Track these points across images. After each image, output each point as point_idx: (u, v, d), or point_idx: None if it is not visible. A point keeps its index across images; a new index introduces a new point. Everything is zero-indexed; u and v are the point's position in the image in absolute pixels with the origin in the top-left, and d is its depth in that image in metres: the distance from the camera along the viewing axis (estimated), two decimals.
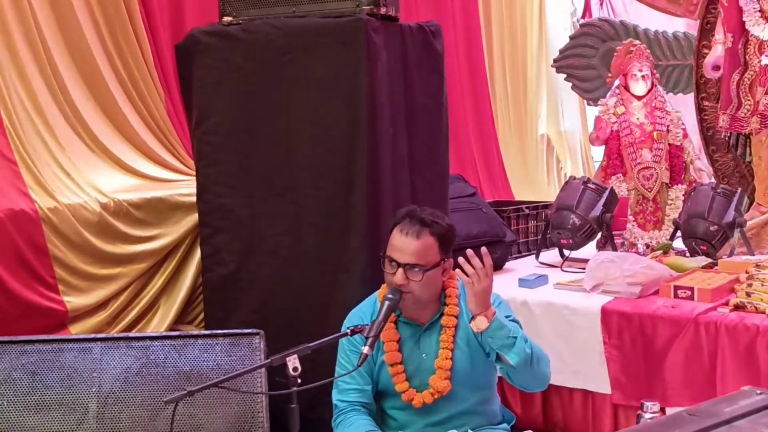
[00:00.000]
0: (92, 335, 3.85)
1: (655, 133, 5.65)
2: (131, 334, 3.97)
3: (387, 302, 3.11)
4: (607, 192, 5.13)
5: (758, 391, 1.52)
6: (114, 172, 4.80)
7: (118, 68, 5.01)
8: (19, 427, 3.54)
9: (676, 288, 4.24)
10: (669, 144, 5.69)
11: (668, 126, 5.70)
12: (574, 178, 5.39)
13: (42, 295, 4.20)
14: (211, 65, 4.19)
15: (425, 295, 3.17)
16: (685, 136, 5.77)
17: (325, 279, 3.99)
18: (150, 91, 5.15)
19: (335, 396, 3.29)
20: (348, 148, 3.91)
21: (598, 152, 7.87)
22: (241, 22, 4.15)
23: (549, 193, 7.80)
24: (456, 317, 3.23)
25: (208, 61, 4.20)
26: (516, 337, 3.05)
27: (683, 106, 6.06)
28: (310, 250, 4.03)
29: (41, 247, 4.21)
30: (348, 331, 3.10)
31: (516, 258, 5.51)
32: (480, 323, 3.03)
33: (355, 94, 3.89)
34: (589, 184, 5.16)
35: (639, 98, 5.73)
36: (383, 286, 3.29)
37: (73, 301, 4.32)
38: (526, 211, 5.79)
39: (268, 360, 2.99)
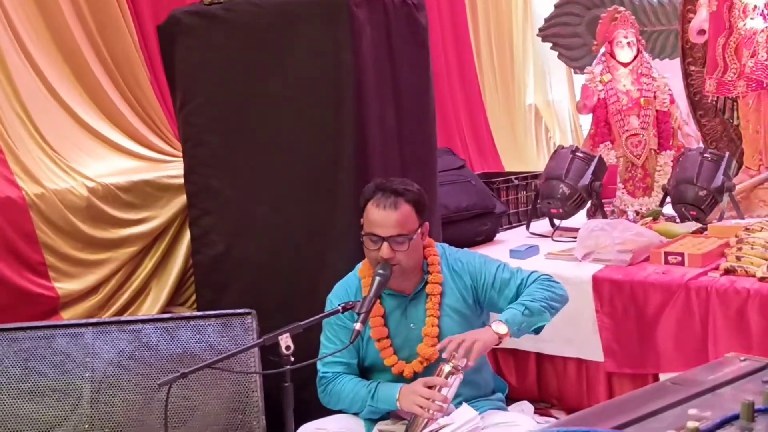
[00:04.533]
0: (84, 320, 3.84)
1: (642, 100, 5.64)
2: (123, 318, 3.96)
3: (378, 278, 3.09)
4: (595, 160, 5.13)
5: (742, 358, 1.52)
6: (101, 154, 4.78)
7: (101, 51, 4.98)
8: (14, 415, 3.55)
9: (667, 254, 4.25)
10: (656, 110, 5.68)
11: (655, 92, 5.69)
12: (563, 147, 5.39)
13: (33, 282, 4.20)
14: (194, 46, 4.17)
15: (411, 263, 3.17)
16: (672, 101, 5.76)
17: (314, 257, 3.98)
18: (135, 73, 5.13)
19: (321, 368, 3.29)
20: (335, 126, 3.89)
21: (586, 121, 7.84)
22: (222, 1, 4.12)
23: (538, 164, 7.79)
24: (440, 284, 3.23)
25: (191, 41, 4.17)
26: (529, 310, 3.08)
27: (669, 72, 6.04)
28: (298, 229, 4.02)
29: (30, 234, 4.20)
30: (339, 308, 3.09)
31: (506, 229, 5.52)
32: (500, 329, 3.05)
33: (340, 70, 3.86)
34: (577, 153, 5.16)
35: (625, 65, 5.71)
36: (364, 261, 3.29)
37: (64, 287, 4.32)
38: (516, 182, 5.79)
39: (261, 339, 2.98)
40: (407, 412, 3.04)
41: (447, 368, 2.99)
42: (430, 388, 2.99)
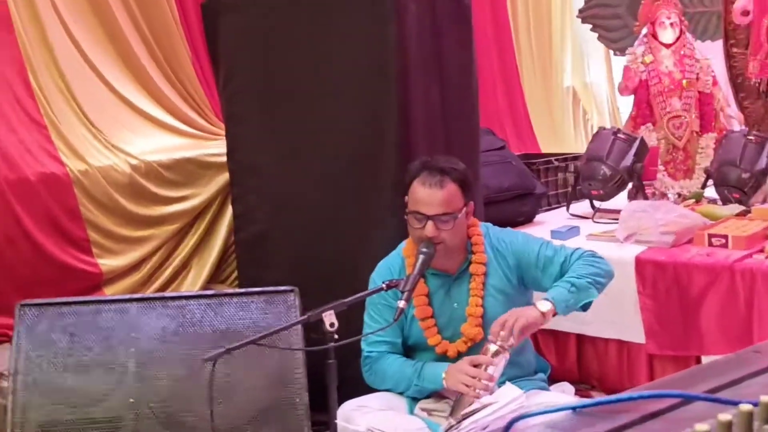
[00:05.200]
0: (128, 296, 3.87)
1: (684, 81, 5.58)
2: (167, 294, 3.99)
3: (422, 256, 3.08)
4: (637, 141, 5.09)
5: None
6: (144, 131, 4.81)
7: (142, 28, 5.01)
8: (60, 388, 3.57)
9: (711, 236, 4.21)
10: (699, 92, 5.61)
11: (698, 74, 5.62)
12: (604, 129, 5.34)
13: (77, 258, 4.24)
14: (237, 23, 4.17)
15: (455, 242, 3.15)
16: (715, 83, 5.69)
17: (357, 236, 3.98)
18: (177, 52, 5.14)
19: (366, 348, 3.29)
20: (378, 103, 3.89)
21: (624, 103, 7.79)
22: None
23: (576, 146, 7.74)
24: (484, 264, 3.22)
25: (234, 19, 4.17)
26: (575, 287, 3.06)
27: (711, 54, 5.97)
28: (341, 206, 4.02)
29: (74, 211, 4.25)
30: (384, 285, 3.08)
31: (546, 210, 5.48)
32: (543, 307, 3.03)
33: (384, 47, 3.85)
34: (619, 134, 5.12)
35: (667, 46, 5.64)
36: (408, 240, 3.28)
37: (108, 263, 4.35)
38: (556, 163, 5.75)
39: (306, 316, 2.99)
40: (453, 391, 3.04)
41: (493, 347, 2.97)
42: (476, 366, 2.99)
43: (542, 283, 3.22)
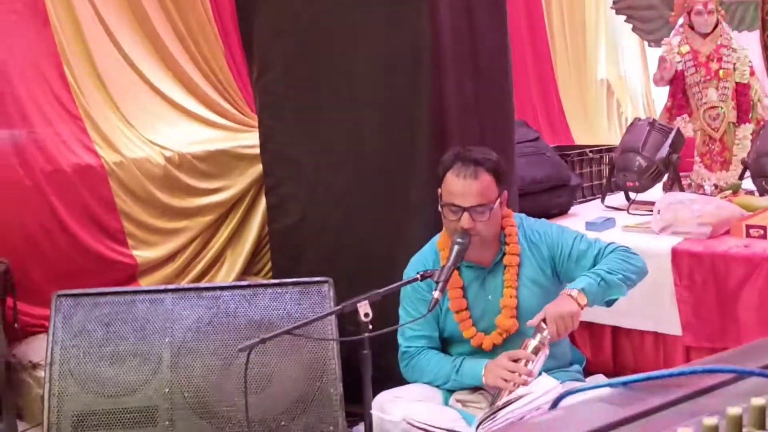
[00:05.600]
0: (163, 286, 3.88)
1: (721, 72, 5.51)
2: (201, 285, 4.00)
3: (457, 247, 3.06)
4: (673, 132, 5.03)
5: None
6: (177, 123, 4.83)
7: (176, 23, 5.02)
8: (96, 378, 3.59)
9: (748, 227, 4.16)
10: (735, 82, 5.55)
11: (734, 64, 5.55)
12: (640, 120, 5.29)
13: (112, 249, 4.26)
14: (271, 14, 4.17)
15: (491, 233, 3.14)
16: (752, 73, 5.62)
17: (390, 227, 3.97)
18: (210, 44, 5.15)
19: (403, 343, 3.29)
20: (412, 94, 3.87)
21: (659, 95, 7.72)
22: None
23: (609, 138, 7.69)
24: (518, 255, 3.20)
25: (268, 10, 4.18)
26: (605, 282, 3.03)
27: (748, 45, 5.90)
28: (375, 198, 4.02)
29: (109, 202, 4.27)
30: (418, 276, 3.07)
31: (581, 203, 5.44)
32: (581, 300, 3.01)
33: (417, 36, 3.84)
34: (655, 125, 5.06)
35: (704, 36, 5.58)
36: (441, 232, 3.26)
37: (142, 254, 4.37)
38: (590, 155, 5.71)
39: (340, 306, 2.98)
40: (492, 387, 3.02)
41: (533, 343, 2.96)
42: (515, 361, 2.97)
43: (574, 276, 3.19)
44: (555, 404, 1.17)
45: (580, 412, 1.08)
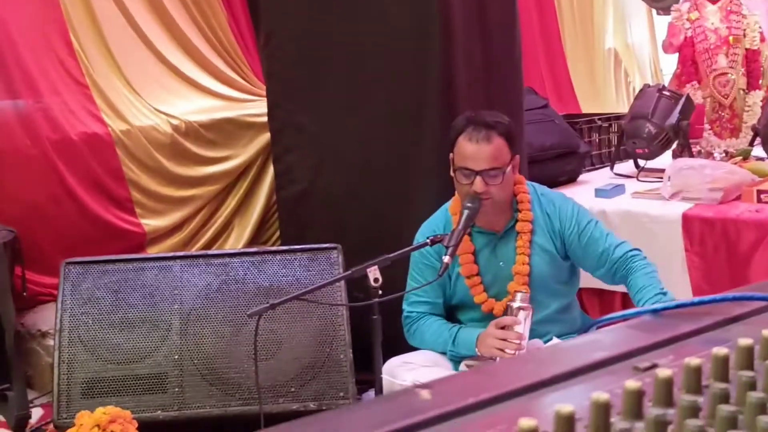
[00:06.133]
0: (171, 254, 3.88)
1: (730, 38, 5.46)
2: (210, 252, 4.00)
3: (467, 211, 3.05)
4: (683, 99, 4.99)
5: None
6: (183, 92, 4.81)
7: None
8: (105, 345, 3.60)
9: (759, 192, 4.14)
10: (746, 49, 5.50)
11: (744, 30, 5.50)
12: (649, 86, 5.24)
13: (120, 218, 4.25)
14: None
15: (503, 197, 3.12)
16: (763, 39, 5.56)
17: (399, 194, 3.95)
18: (214, 12, 5.12)
19: (406, 308, 3.28)
20: (421, 62, 3.85)
21: (667, 64, 7.67)
22: None
23: (617, 108, 7.64)
24: (530, 222, 3.18)
25: None
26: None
27: (758, 10, 5.84)
28: (384, 165, 3.99)
29: (117, 171, 4.26)
30: (428, 241, 3.05)
31: (590, 170, 5.42)
32: None
33: (427, 4, 3.81)
34: (664, 92, 5.02)
35: (713, 2, 5.52)
36: (453, 198, 3.24)
37: (151, 223, 4.37)
38: (599, 122, 5.67)
39: (350, 271, 2.97)
40: (489, 357, 3.02)
41: (515, 305, 2.99)
42: (503, 328, 2.97)
43: (580, 259, 3.18)
44: (586, 330, 1.16)
45: (611, 336, 1.07)
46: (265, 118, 4.38)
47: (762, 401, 0.79)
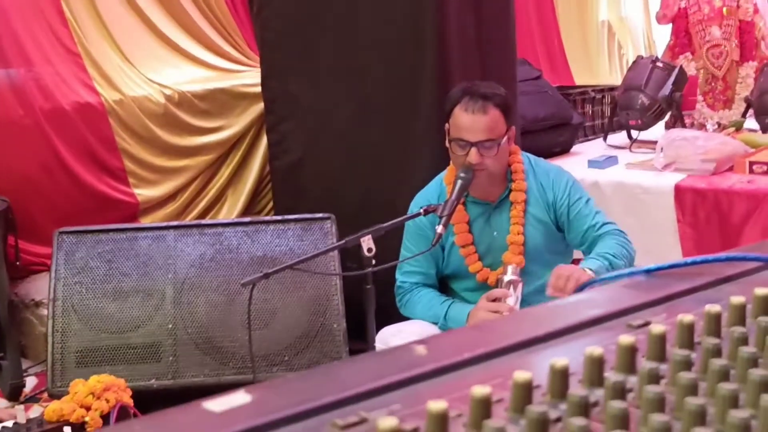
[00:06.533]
0: (165, 223, 3.88)
1: (724, 9, 5.46)
2: (204, 222, 3.99)
3: (460, 181, 3.04)
4: (676, 70, 5.00)
5: None
6: (177, 63, 4.78)
7: None
8: (99, 314, 3.61)
9: (752, 163, 4.15)
10: (739, 20, 5.50)
11: (738, 1, 5.49)
12: (642, 58, 5.25)
13: (113, 188, 4.25)
14: None
15: (498, 168, 3.11)
16: (756, 11, 5.56)
17: (394, 164, 3.95)
18: None
19: (399, 277, 3.28)
20: (415, 30, 3.83)
21: (661, 36, 7.67)
22: None
23: (610, 80, 7.65)
24: (524, 192, 3.18)
25: None
26: (613, 268, 3.00)
27: None
28: (378, 134, 3.99)
29: (109, 140, 4.24)
30: (421, 210, 3.05)
31: (583, 142, 5.42)
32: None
33: None
34: (657, 63, 5.03)
35: None
36: (449, 168, 3.24)
37: (144, 193, 4.36)
38: (592, 94, 5.67)
39: (343, 241, 2.97)
40: None
41: (506, 278, 2.99)
42: (494, 301, 2.98)
43: (566, 233, 3.18)
44: (580, 290, 1.17)
45: (605, 295, 1.08)
46: (258, 88, 4.36)
47: (754, 356, 0.80)
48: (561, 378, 0.77)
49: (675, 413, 0.74)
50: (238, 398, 0.72)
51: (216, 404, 0.71)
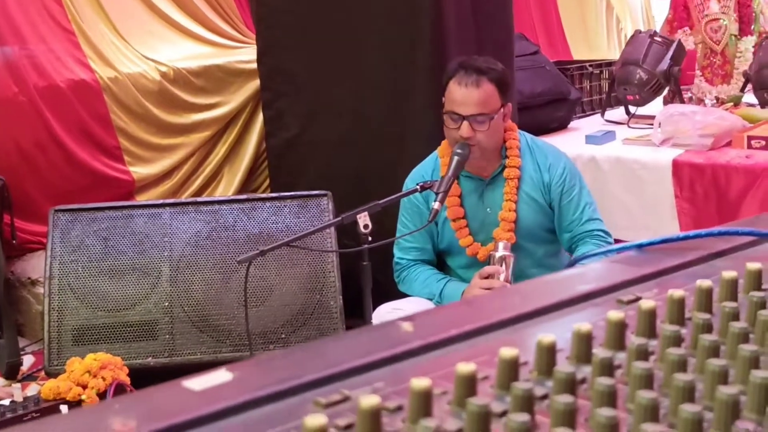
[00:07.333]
0: (161, 201, 3.87)
1: None
2: (199, 199, 3.97)
3: (456, 158, 3.04)
4: (674, 45, 4.96)
5: None
6: (172, 39, 4.75)
7: None
8: (96, 292, 3.60)
9: (750, 138, 4.12)
10: None
11: None
12: (641, 32, 5.21)
13: (109, 165, 4.23)
14: None
15: (491, 144, 3.10)
16: None
17: (391, 140, 3.93)
18: None
19: (397, 254, 3.29)
20: (411, 7, 3.81)
21: (659, 10, 7.63)
22: None
23: (609, 54, 7.60)
24: (518, 168, 3.17)
25: None
26: None
27: None
28: (375, 110, 3.97)
29: (105, 118, 4.23)
30: (417, 187, 3.05)
31: (581, 117, 5.39)
32: None
33: None
34: (655, 38, 4.98)
35: None
36: (443, 142, 3.23)
37: (139, 171, 4.34)
38: (590, 69, 5.64)
39: (339, 218, 2.97)
40: None
41: (498, 254, 3.00)
42: (487, 278, 2.98)
43: (555, 218, 3.18)
44: (571, 265, 1.16)
45: (595, 271, 1.07)
46: (254, 65, 4.34)
47: (745, 331, 0.79)
48: (548, 354, 0.75)
49: (662, 389, 0.73)
50: (219, 376, 0.71)
51: (196, 383, 0.70)
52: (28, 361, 3.87)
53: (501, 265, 2.99)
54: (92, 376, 3.14)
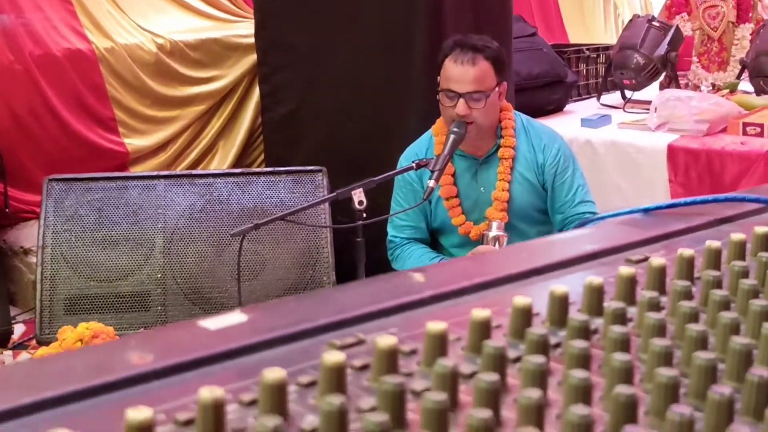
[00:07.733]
0: (155, 173, 3.86)
1: None
2: (194, 172, 3.97)
3: (452, 136, 3.04)
4: (672, 30, 4.96)
5: None
6: (170, 11, 4.72)
7: None
8: (89, 262, 3.59)
9: (745, 125, 4.13)
10: None
11: None
12: (639, 17, 5.21)
13: (103, 137, 4.22)
14: None
15: (487, 122, 3.10)
16: None
17: (387, 116, 3.92)
18: None
19: (390, 232, 3.29)
20: None
21: None
22: None
23: (606, 38, 7.59)
24: (513, 148, 3.17)
25: None
26: None
27: None
28: (373, 85, 3.95)
29: (100, 89, 4.21)
30: (413, 164, 3.05)
31: (576, 100, 5.39)
32: None
33: None
34: (653, 22, 4.99)
35: None
36: (438, 121, 3.23)
37: (134, 142, 4.33)
38: (587, 52, 5.63)
39: (334, 193, 2.97)
40: None
41: (491, 234, 3.01)
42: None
43: (547, 199, 3.18)
44: (578, 227, 1.16)
45: (604, 231, 1.07)
46: (251, 40, 4.32)
47: (755, 288, 0.80)
48: (561, 305, 0.76)
49: (675, 340, 0.73)
50: (234, 317, 0.71)
51: (212, 322, 0.70)
52: (19, 329, 3.86)
53: (494, 245, 2.99)
54: (84, 345, 3.13)
